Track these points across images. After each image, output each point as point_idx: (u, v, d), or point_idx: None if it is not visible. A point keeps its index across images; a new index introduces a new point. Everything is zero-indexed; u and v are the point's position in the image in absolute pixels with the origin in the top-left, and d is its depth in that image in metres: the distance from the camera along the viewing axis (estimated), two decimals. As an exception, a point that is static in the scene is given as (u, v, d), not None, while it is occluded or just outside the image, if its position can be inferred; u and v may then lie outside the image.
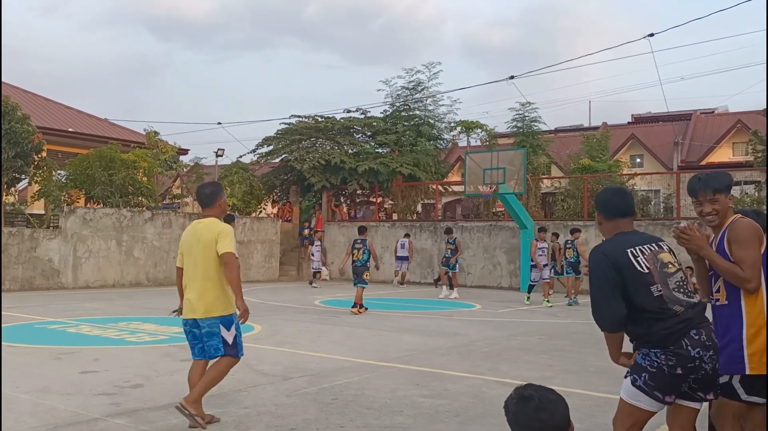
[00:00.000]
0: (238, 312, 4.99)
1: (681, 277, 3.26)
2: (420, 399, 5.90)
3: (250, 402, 5.72)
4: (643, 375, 3.16)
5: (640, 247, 3.26)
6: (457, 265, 17.56)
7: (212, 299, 4.93)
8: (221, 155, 22.53)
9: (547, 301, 15.41)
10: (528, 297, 16.13)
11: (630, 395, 3.20)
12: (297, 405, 5.65)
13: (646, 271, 3.18)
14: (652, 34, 17.90)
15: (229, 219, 12.67)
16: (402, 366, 7.48)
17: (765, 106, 23.41)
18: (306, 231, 24.90)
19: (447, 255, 17.30)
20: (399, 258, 21.28)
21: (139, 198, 20.86)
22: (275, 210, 28.68)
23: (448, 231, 17.87)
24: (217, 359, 4.93)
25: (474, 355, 8.32)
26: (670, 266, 3.25)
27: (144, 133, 25.46)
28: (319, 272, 20.81)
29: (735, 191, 22.54)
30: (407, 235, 21.35)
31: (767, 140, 19.90)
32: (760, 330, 3.27)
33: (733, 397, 3.32)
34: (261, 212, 27.18)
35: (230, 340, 4.94)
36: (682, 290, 3.21)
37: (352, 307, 13.00)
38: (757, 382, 3.26)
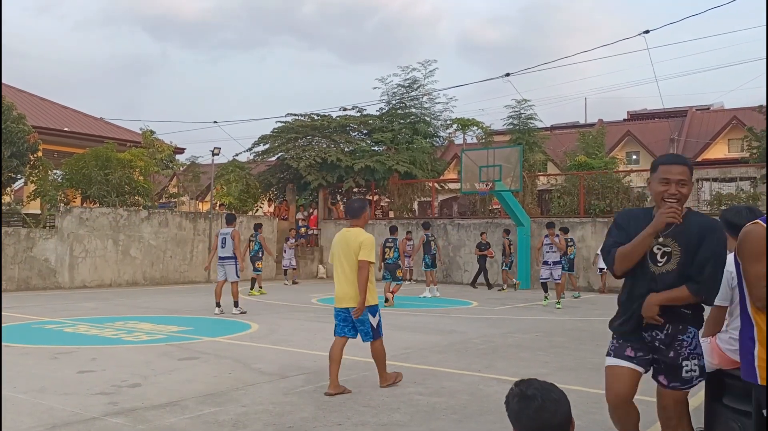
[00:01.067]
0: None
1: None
2: (417, 397, 5.92)
3: (247, 400, 5.73)
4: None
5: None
6: (426, 263, 17.12)
7: (355, 290, 6.14)
8: (217, 154, 22.48)
9: (558, 302, 14.30)
10: (545, 297, 14.86)
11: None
12: (295, 403, 5.66)
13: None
14: (647, 31, 17.92)
15: (230, 219, 12.94)
16: (399, 364, 7.49)
17: (763, 103, 23.48)
18: (302, 229, 24.97)
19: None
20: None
21: (136, 197, 20.83)
22: (272, 209, 28.68)
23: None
24: (371, 343, 6.26)
25: (471, 352, 8.34)
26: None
27: (140, 132, 25.42)
28: (294, 269, 20.91)
29: (731, 188, 22.62)
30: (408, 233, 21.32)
31: (767, 136, 19.93)
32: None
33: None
34: (257, 210, 27.17)
35: (375, 324, 6.25)
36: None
37: (386, 301, 13.56)
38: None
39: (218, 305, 12.33)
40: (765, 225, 3.26)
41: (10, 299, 14.03)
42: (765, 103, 22.72)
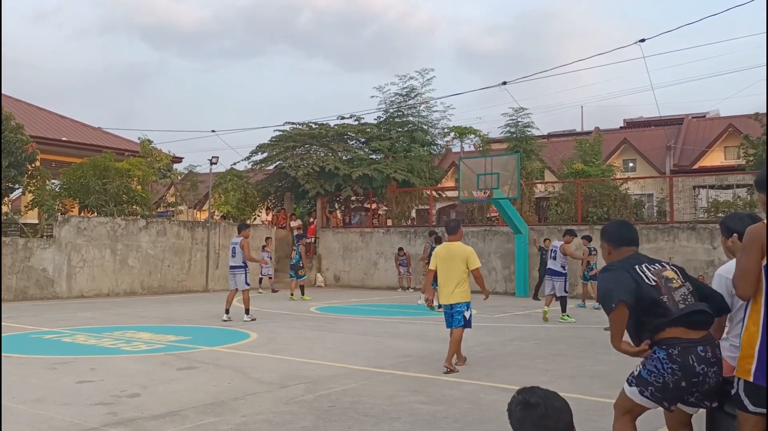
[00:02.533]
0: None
1: (685, 292, 3.43)
2: (418, 406, 5.91)
3: (247, 410, 5.72)
4: (650, 388, 3.37)
5: (646, 265, 3.54)
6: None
7: (460, 292, 7.80)
8: (215, 163, 22.49)
9: (567, 315, 13.19)
10: (565, 316, 13.18)
11: (634, 395, 3.34)
12: (295, 412, 5.65)
13: (653, 284, 3.40)
14: (643, 40, 17.98)
15: (241, 228, 13.30)
16: (399, 372, 7.49)
17: (759, 110, 23.57)
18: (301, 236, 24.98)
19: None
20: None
21: (134, 207, 20.82)
22: (269, 217, 28.66)
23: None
24: (456, 330, 7.80)
25: (470, 361, 8.33)
26: (674, 281, 3.46)
27: (138, 141, 25.42)
28: (269, 277, 21.00)
29: (728, 195, 22.69)
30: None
31: (766, 142, 19.97)
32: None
33: (741, 408, 3.33)
34: (255, 219, 27.16)
35: (468, 316, 7.85)
36: (686, 303, 3.39)
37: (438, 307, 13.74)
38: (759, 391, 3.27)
39: (227, 311, 12.69)
40: (766, 223, 3.34)
41: (7, 309, 13.98)
42: (761, 111, 22.83)
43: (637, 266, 3.50)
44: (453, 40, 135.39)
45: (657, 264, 3.58)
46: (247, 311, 12.62)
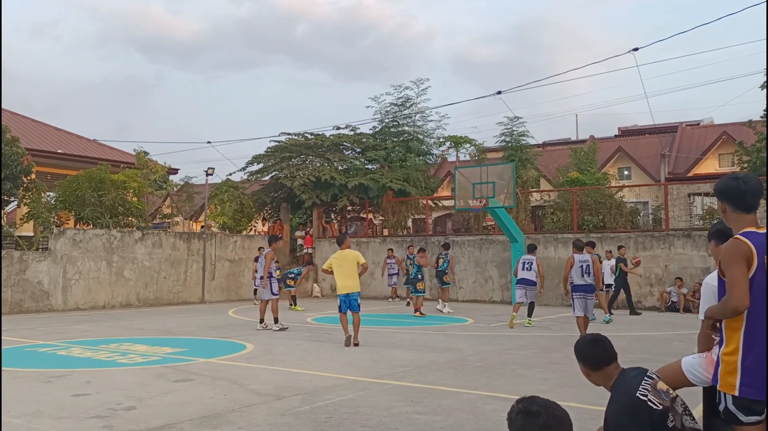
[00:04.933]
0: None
1: (682, 400, 3.41)
2: (415, 416, 5.89)
3: (243, 422, 5.69)
4: None
5: (642, 386, 3.39)
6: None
7: (355, 284, 10.71)
8: (211, 174, 22.48)
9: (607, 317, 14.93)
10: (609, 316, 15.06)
11: None
12: (291, 424, 5.63)
13: (660, 407, 3.30)
14: (636, 49, 18.07)
15: (271, 240, 13.78)
16: (396, 383, 7.47)
17: (752, 118, 23.69)
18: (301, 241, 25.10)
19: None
20: (390, 275, 21.94)
21: (129, 218, 20.78)
22: (266, 228, 28.63)
23: (446, 247, 17.81)
24: (356, 313, 10.68)
25: (468, 370, 8.32)
26: (670, 391, 3.39)
27: (134, 153, 25.41)
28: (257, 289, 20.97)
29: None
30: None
31: (767, 146, 19.99)
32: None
33: (735, 422, 3.35)
34: (251, 229, 27.13)
35: (359, 302, 10.77)
36: (687, 413, 3.36)
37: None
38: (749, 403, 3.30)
39: (261, 321, 13.09)
40: (744, 239, 3.37)
41: (3, 323, 13.91)
42: (755, 118, 22.94)
43: (638, 394, 3.34)
44: (449, 50, 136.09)
45: (648, 377, 3.46)
46: (275, 321, 12.84)
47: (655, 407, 3.30)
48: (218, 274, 21.85)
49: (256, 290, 20.74)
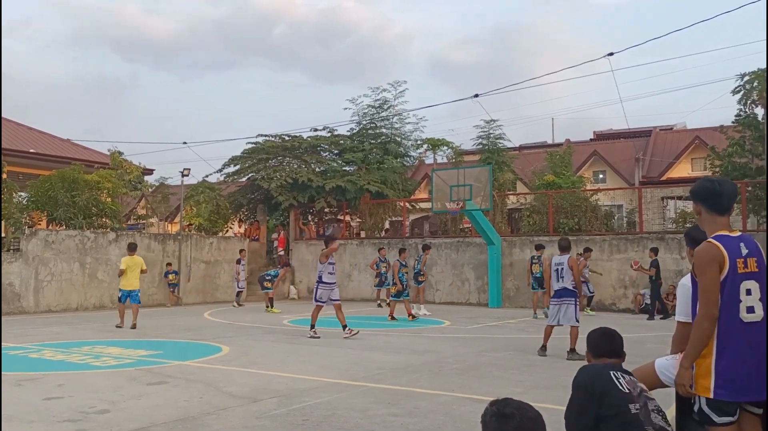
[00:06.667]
0: None
1: (657, 404, 3.38)
2: (391, 418, 5.89)
3: (219, 425, 5.65)
4: None
5: (621, 373, 3.44)
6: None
7: (136, 283, 13.65)
8: (187, 175, 22.27)
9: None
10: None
11: None
12: (267, 427, 5.60)
13: (627, 391, 3.31)
14: (611, 54, 18.30)
15: (329, 239, 12.68)
16: (372, 385, 7.47)
17: (724, 123, 24.13)
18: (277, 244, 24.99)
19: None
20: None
21: (103, 219, 20.50)
22: (242, 229, 28.45)
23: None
24: (135, 304, 13.60)
25: (444, 372, 8.34)
26: (647, 393, 3.40)
27: (108, 153, 25.08)
28: (242, 291, 20.79)
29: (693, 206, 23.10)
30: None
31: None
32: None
33: (709, 423, 3.41)
34: (228, 231, 26.95)
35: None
36: (660, 413, 3.33)
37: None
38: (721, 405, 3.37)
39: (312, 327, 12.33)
40: (716, 243, 3.43)
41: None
42: (726, 123, 23.38)
43: (612, 372, 3.39)
44: (427, 52, 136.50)
45: (630, 375, 3.50)
46: (311, 326, 12.16)
47: (620, 388, 3.30)
48: (194, 276, 21.65)
49: (239, 292, 20.57)
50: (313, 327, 12.13)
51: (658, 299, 17.06)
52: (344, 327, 12.02)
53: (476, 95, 21.46)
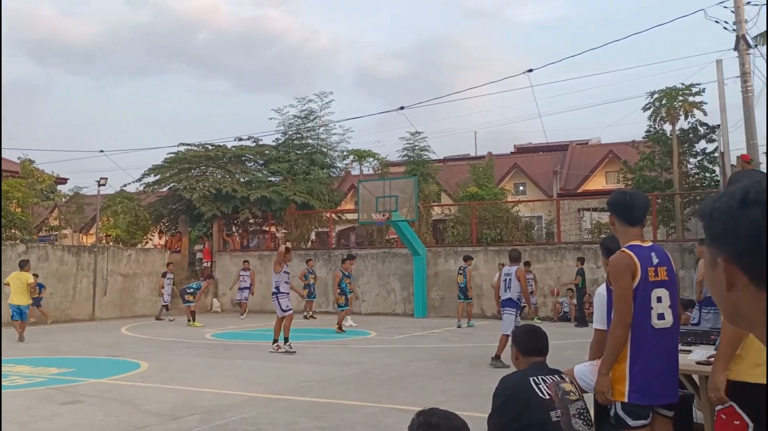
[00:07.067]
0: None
1: (582, 406, 3.41)
2: (317, 431, 5.84)
3: (137, 444, 5.43)
4: None
5: (543, 376, 3.43)
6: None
7: (24, 298, 14.04)
8: (104, 184, 21.39)
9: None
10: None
11: None
12: (189, 444, 5.42)
13: (547, 397, 3.32)
14: (531, 70, 18.94)
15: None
16: (298, 398, 7.38)
17: (635, 138, 25.37)
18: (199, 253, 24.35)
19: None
20: (241, 289, 20.77)
21: (12, 231, 19.42)
22: (162, 241, 27.58)
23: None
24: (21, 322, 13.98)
25: (370, 383, 8.34)
26: (571, 394, 3.42)
27: (18, 161, 23.84)
28: (168, 305, 20.00)
29: (607, 218, 24.18)
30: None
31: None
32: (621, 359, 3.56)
33: (624, 426, 3.55)
34: (147, 242, 26.07)
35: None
36: (582, 417, 3.36)
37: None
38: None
39: (275, 341, 11.66)
40: (628, 252, 3.61)
41: None
42: (638, 139, 24.61)
43: (532, 378, 3.38)
44: (353, 64, 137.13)
45: (556, 375, 3.48)
46: (285, 340, 11.46)
47: (540, 394, 3.30)
48: (110, 289, 20.77)
49: (165, 306, 19.76)
50: (287, 340, 11.44)
51: (580, 307, 17.69)
52: (276, 341, 11.60)
53: (402, 108, 21.73)
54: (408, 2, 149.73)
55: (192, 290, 18.22)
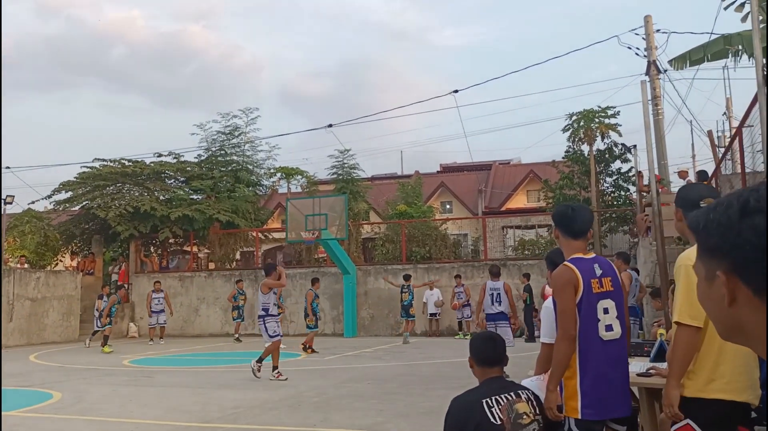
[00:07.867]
0: None
1: (535, 428, 3.27)
2: (251, 461, 5.45)
3: (48, 485, 4.88)
4: None
5: (497, 397, 3.26)
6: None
7: None
8: (10, 203, 20.06)
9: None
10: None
11: None
12: (108, 482, 4.92)
13: (499, 422, 3.16)
14: (456, 91, 19.22)
15: (269, 269, 11.07)
16: (228, 426, 6.94)
17: (555, 158, 26.14)
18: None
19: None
20: (155, 312, 19.27)
21: None
22: (75, 263, 26.07)
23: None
24: None
25: (304, 407, 7.98)
26: (524, 416, 3.27)
27: None
28: (102, 330, 18.49)
29: (531, 234, 24.75)
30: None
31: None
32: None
33: None
34: (58, 264, 24.57)
35: None
36: None
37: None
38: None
39: (274, 368, 10.55)
40: (570, 266, 3.54)
41: None
42: (557, 158, 25.37)
43: (485, 400, 3.20)
44: (277, 82, 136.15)
45: (512, 393, 3.32)
46: (259, 359, 10.54)
47: (491, 420, 3.13)
48: (17, 315, 19.36)
49: (96, 331, 18.33)
50: (276, 368, 10.45)
51: (528, 322, 17.54)
52: (276, 367, 10.53)
53: (330, 125, 21.53)
54: (330, 22, 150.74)
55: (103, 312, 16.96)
